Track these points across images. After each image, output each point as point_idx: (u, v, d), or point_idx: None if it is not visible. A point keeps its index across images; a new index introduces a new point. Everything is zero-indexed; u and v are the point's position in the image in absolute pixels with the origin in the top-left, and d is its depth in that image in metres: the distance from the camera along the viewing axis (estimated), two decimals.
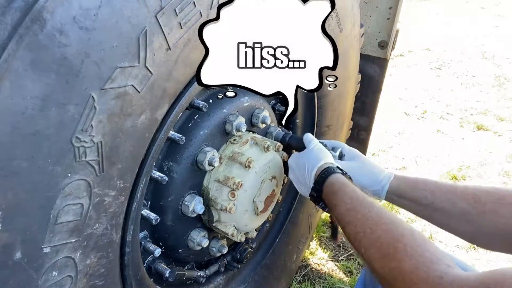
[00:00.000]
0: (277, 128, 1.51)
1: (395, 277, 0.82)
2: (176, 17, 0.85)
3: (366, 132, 2.47)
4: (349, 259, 2.51)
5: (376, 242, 0.90)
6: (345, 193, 1.04)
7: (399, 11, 2.14)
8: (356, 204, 1.00)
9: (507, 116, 4.42)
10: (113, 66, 0.76)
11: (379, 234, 0.90)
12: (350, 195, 1.03)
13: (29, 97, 0.67)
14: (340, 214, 1.03)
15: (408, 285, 0.79)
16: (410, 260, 0.81)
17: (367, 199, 1.01)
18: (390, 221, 0.92)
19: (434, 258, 0.80)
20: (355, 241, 0.96)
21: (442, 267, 0.78)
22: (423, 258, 0.81)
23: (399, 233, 0.88)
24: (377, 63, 2.27)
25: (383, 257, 0.87)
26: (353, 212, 0.99)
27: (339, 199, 1.04)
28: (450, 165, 3.53)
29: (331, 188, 1.09)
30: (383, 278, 0.86)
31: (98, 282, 0.94)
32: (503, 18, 7.79)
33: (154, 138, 0.95)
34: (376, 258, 0.88)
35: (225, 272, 1.62)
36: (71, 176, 0.77)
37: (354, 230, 0.96)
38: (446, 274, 0.76)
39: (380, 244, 0.88)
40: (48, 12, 0.65)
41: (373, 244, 0.90)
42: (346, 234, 1.01)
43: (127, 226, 0.98)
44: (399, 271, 0.82)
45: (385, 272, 0.85)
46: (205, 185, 1.25)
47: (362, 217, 0.96)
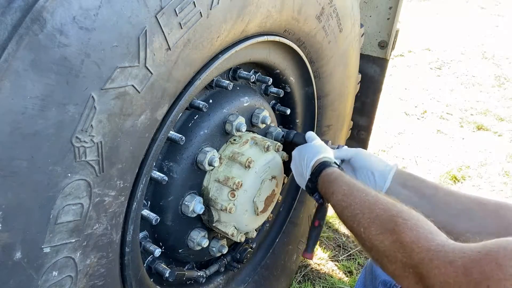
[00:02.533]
0: (277, 128, 1.51)
1: (397, 249, 0.83)
2: (176, 17, 0.85)
3: (366, 132, 2.47)
4: (349, 259, 2.51)
5: (375, 219, 0.92)
6: (342, 181, 1.09)
7: (399, 11, 2.14)
8: (353, 189, 1.04)
9: (507, 116, 4.42)
10: (113, 66, 0.76)
11: (378, 213, 0.92)
12: (347, 182, 1.08)
13: (29, 97, 0.67)
14: (337, 200, 1.06)
15: (409, 255, 0.80)
16: (411, 231, 0.82)
17: (364, 186, 1.05)
18: (387, 201, 0.95)
19: (434, 230, 0.82)
20: (354, 222, 0.97)
21: (442, 237, 0.79)
22: (423, 230, 0.82)
23: (398, 209, 0.90)
24: (377, 63, 2.27)
25: (383, 232, 0.88)
26: (351, 197, 1.02)
27: (337, 186, 1.08)
28: (450, 165, 3.53)
29: (328, 178, 1.14)
30: (384, 253, 0.87)
31: (98, 282, 0.94)
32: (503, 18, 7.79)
33: (154, 138, 0.95)
34: (376, 234, 0.89)
35: (225, 272, 1.62)
36: (71, 176, 0.77)
37: (352, 212, 0.99)
38: (446, 242, 0.77)
39: (380, 221, 0.90)
40: (48, 12, 0.65)
41: (372, 222, 0.92)
42: (343, 218, 1.03)
43: (127, 226, 0.98)
44: (400, 243, 0.83)
45: (385, 246, 0.86)
46: (205, 185, 1.25)
47: (360, 200, 0.99)
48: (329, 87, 1.70)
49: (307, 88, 1.63)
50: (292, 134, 1.49)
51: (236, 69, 1.31)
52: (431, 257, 0.75)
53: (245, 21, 1.07)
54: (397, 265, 0.83)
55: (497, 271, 0.65)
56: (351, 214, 0.99)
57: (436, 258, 0.74)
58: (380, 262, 0.90)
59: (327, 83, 1.68)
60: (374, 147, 3.61)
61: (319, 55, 1.53)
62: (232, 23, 1.02)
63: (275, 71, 1.46)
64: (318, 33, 1.44)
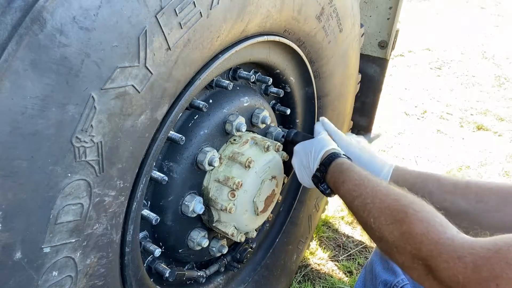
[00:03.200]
0: (277, 128, 1.51)
1: (406, 240, 0.83)
2: (176, 17, 0.85)
3: (366, 132, 2.47)
4: (349, 259, 2.51)
5: (386, 209, 0.91)
6: (353, 171, 1.09)
7: (399, 11, 2.14)
8: (365, 179, 1.03)
9: (507, 116, 4.42)
10: (113, 66, 0.76)
11: (389, 203, 0.92)
12: (359, 172, 1.07)
13: (29, 97, 0.67)
14: (348, 190, 1.06)
15: (418, 247, 0.79)
16: (421, 223, 0.82)
17: (375, 177, 1.05)
18: (399, 192, 0.94)
19: (444, 223, 0.81)
20: (364, 212, 0.97)
21: (453, 231, 0.79)
22: (434, 222, 0.81)
23: (409, 200, 0.90)
24: (377, 63, 2.27)
25: (393, 222, 0.87)
26: (362, 187, 1.01)
27: (348, 176, 1.08)
28: (450, 165, 3.53)
29: (339, 167, 1.14)
30: (393, 244, 0.86)
31: (98, 282, 0.94)
32: (503, 18, 7.79)
33: (154, 138, 0.95)
34: (386, 225, 0.89)
35: (225, 272, 1.62)
36: (71, 176, 0.77)
37: (363, 201, 0.98)
38: (456, 236, 0.76)
39: (390, 212, 0.90)
40: (48, 12, 0.65)
41: (383, 212, 0.91)
42: (353, 209, 1.03)
43: (127, 226, 0.98)
44: (409, 234, 0.82)
45: (395, 237, 0.86)
46: (205, 185, 1.25)
47: (371, 190, 0.99)
48: (329, 87, 1.70)
49: (307, 88, 1.63)
50: (293, 133, 1.50)
51: (236, 69, 1.31)
52: (440, 250, 0.75)
53: (245, 21, 1.07)
54: (406, 257, 0.83)
55: (506, 270, 0.65)
56: (362, 204, 0.98)
57: (445, 252, 0.74)
58: (389, 253, 0.89)
59: (327, 83, 1.68)
60: (374, 147, 3.61)
61: (319, 55, 1.53)
62: (232, 23, 1.02)
63: (275, 71, 1.46)
64: (318, 33, 1.44)
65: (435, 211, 0.86)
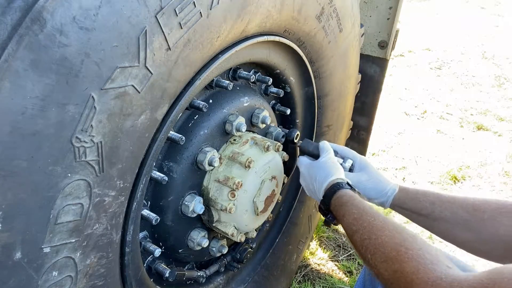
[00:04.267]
0: (277, 128, 1.51)
1: (398, 279, 0.85)
2: (176, 17, 0.85)
3: (366, 132, 2.47)
4: (349, 259, 2.51)
5: (380, 246, 0.94)
6: (352, 205, 1.10)
7: (399, 11, 2.15)
8: (362, 213, 1.05)
9: (507, 116, 4.42)
10: (113, 66, 0.76)
11: (383, 240, 0.94)
12: (357, 205, 1.09)
13: (29, 97, 0.67)
14: (348, 224, 1.08)
15: (409, 286, 0.82)
16: (411, 262, 0.84)
17: (373, 209, 1.07)
18: (394, 227, 0.97)
19: (435, 260, 0.83)
20: (362, 247, 0.99)
21: (442, 268, 0.81)
22: (424, 260, 0.84)
23: (402, 238, 0.92)
24: (377, 63, 2.27)
25: (386, 260, 0.90)
26: (360, 221, 1.03)
27: (347, 210, 1.10)
28: (450, 165, 3.53)
29: (340, 201, 1.15)
30: (388, 281, 0.89)
31: (98, 282, 0.94)
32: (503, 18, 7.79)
33: (154, 138, 0.95)
34: (380, 262, 0.92)
35: (225, 272, 1.62)
36: (71, 176, 0.77)
37: (360, 237, 1.01)
38: (445, 275, 0.78)
39: (384, 249, 0.92)
40: (48, 12, 0.65)
41: (378, 249, 0.94)
42: (354, 243, 1.05)
43: (127, 226, 0.98)
44: (401, 273, 0.85)
45: (389, 274, 0.88)
46: (205, 185, 1.25)
47: (368, 225, 1.01)
48: (329, 87, 1.70)
49: (307, 88, 1.63)
50: (295, 133, 1.48)
51: (236, 69, 1.31)
52: None
53: (245, 21, 1.07)
54: None
55: None
56: (360, 239, 1.01)
57: None
58: (386, 287, 0.93)
59: (327, 83, 1.68)
60: (374, 147, 3.61)
61: (319, 55, 1.53)
62: (232, 23, 1.02)
63: (275, 71, 1.46)
64: (318, 33, 1.44)
65: (427, 248, 0.88)
